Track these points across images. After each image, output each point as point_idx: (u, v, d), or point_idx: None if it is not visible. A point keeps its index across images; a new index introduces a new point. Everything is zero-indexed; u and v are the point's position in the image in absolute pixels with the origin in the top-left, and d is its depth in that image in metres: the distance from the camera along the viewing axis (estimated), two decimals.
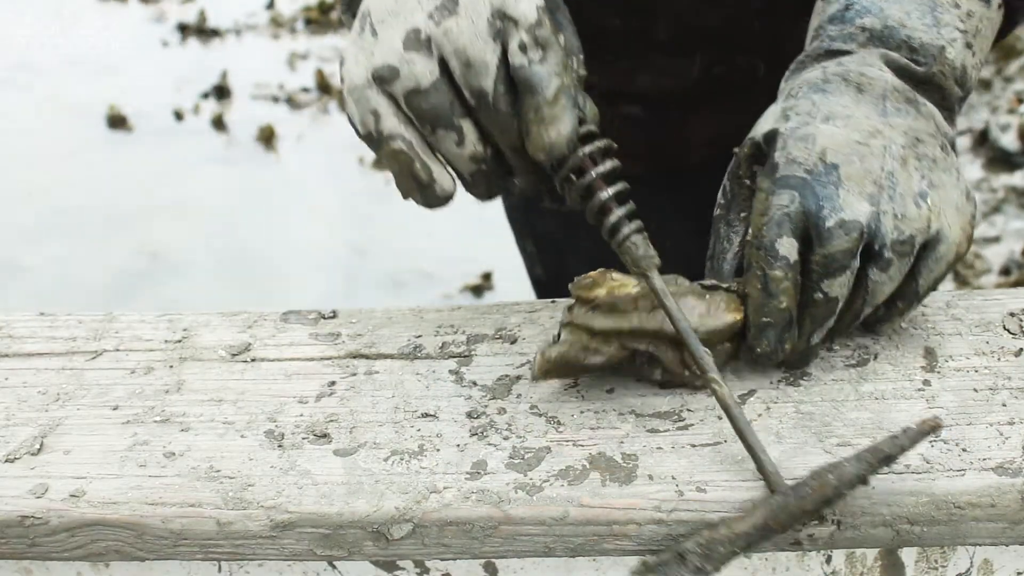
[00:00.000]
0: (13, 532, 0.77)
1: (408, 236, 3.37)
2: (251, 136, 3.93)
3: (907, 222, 0.79)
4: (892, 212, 0.79)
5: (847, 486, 0.73)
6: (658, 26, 1.11)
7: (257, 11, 4.87)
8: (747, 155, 0.85)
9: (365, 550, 0.76)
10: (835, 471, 0.73)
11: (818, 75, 0.85)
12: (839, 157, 0.80)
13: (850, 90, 0.83)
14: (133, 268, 3.30)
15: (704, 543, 0.72)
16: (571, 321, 0.82)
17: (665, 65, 1.14)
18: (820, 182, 0.79)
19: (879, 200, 0.79)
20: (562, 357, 0.81)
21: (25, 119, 4.11)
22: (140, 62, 4.51)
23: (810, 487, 0.72)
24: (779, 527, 0.72)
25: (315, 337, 0.91)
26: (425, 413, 0.83)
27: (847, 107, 0.82)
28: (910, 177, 0.80)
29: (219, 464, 0.80)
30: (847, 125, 0.81)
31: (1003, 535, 0.75)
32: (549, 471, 0.78)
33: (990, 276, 3.00)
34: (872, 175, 0.79)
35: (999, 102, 3.67)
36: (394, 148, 0.80)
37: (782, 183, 0.80)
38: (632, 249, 0.82)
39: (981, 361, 0.85)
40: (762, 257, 0.79)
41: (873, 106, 0.82)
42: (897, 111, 0.82)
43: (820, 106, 0.82)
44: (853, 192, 0.79)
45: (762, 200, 0.80)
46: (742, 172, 0.85)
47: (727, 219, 0.87)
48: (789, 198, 0.79)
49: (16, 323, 0.94)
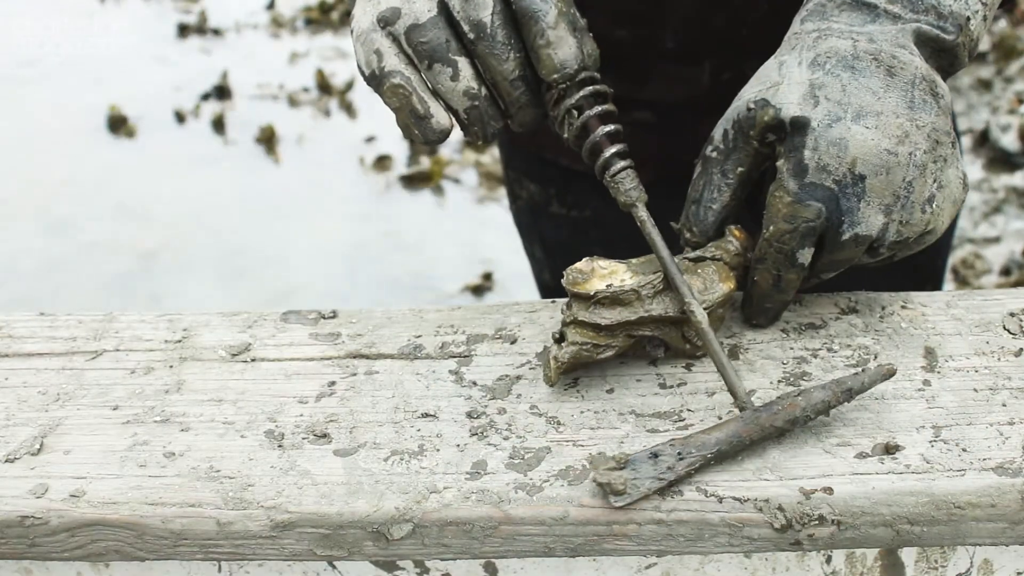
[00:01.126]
0: (13, 532, 0.77)
1: (408, 236, 3.37)
2: (251, 136, 3.93)
3: (909, 227, 0.83)
4: (899, 220, 0.82)
5: (813, 410, 0.78)
6: (666, 35, 1.11)
7: (257, 11, 4.87)
8: (766, 123, 0.84)
9: (365, 550, 0.76)
10: (803, 395, 0.78)
11: (848, 48, 0.84)
12: (868, 168, 0.81)
13: (880, 72, 0.83)
14: (133, 268, 3.30)
15: (677, 445, 0.76)
16: (575, 319, 0.83)
17: (675, 73, 1.14)
18: (846, 195, 0.82)
19: (892, 211, 0.82)
20: (574, 358, 0.83)
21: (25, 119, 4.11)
22: (140, 62, 4.51)
23: (780, 406, 0.78)
24: (749, 439, 0.77)
25: (315, 337, 0.91)
26: (425, 413, 0.83)
27: (877, 96, 0.82)
28: (925, 184, 0.83)
29: (219, 464, 0.80)
30: (878, 126, 0.82)
31: (1003, 535, 0.75)
32: (549, 471, 0.78)
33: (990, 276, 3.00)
34: (893, 187, 0.82)
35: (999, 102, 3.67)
36: (394, 83, 0.84)
37: (809, 192, 0.82)
38: (621, 184, 0.86)
39: (981, 361, 0.85)
40: (782, 261, 0.84)
41: (902, 95, 0.83)
42: (924, 104, 0.83)
43: (850, 93, 0.82)
44: (873, 205, 0.82)
45: (788, 204, 0.82)
46: (753, 133, 0.85)
47: (723, 168, 0.87)
48: (816, 212, 0.82)
49: (16, 323, 0.94)
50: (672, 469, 0.75)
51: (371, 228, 3.43)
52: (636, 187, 0.86)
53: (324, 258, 3.29)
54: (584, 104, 0.86)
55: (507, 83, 0.84)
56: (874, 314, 0.90)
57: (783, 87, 0.84)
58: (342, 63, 4.36)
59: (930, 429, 0.79)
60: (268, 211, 3.53)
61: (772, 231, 0.83)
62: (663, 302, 0.83)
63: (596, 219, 1.32)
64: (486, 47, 0.82)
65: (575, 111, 0.86)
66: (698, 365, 0.86)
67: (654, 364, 0.87)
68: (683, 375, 0.86)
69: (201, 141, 3.96)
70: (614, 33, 1.11)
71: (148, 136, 4.01)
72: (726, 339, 0.88)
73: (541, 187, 1.35)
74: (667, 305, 0.83)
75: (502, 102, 0.86)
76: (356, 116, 4.01)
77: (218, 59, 4.48)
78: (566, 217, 1.34)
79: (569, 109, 0.86)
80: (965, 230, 3.12)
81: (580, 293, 0.82)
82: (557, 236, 1.38)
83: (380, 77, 0.84)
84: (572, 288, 0.83)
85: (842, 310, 0.91)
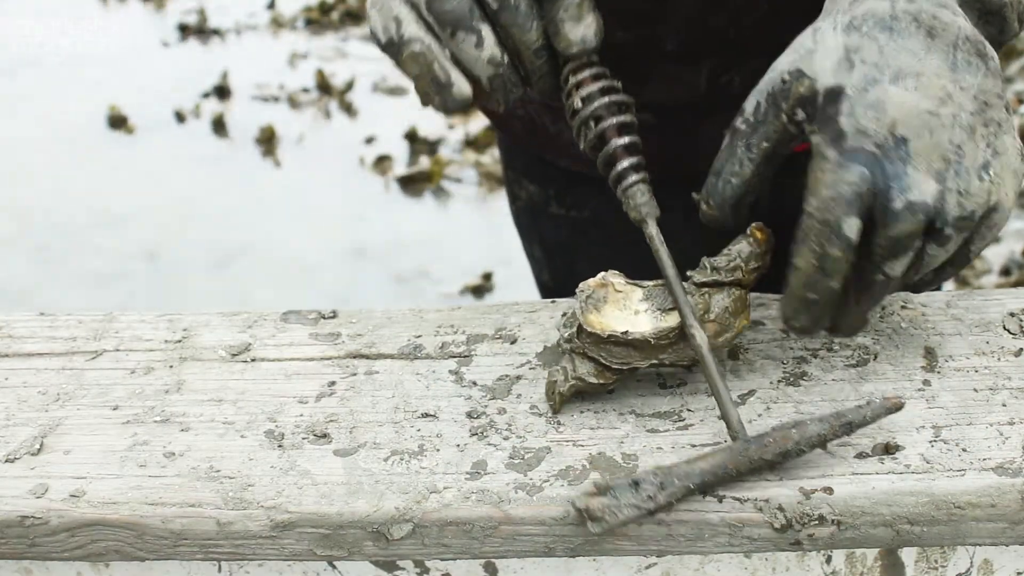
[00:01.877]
0: (13, 532, 0.77)
1: (408, 236, 3.37)
2: (251, 136, 3.93)
3: (970, 198, 0.77)
4: (957, 189, 0.77)
5: (807, 443, 0.75)
6: (665, 35, 1.11)
7: (257, 11, 4.87)
8: (801, 95, 0.80)
9: (365, 550, 0.76)
10: (798, 428, 0.75)
11: (886, 8, 0.80)
12: (909, 130, 0.76)
13: (920, 34, 0.79)
14: (133, 268, 3.30)
15: (660, 474, 0.74)
16: (584, 352, 0.81)
17: (673, 74, 1.14)
18: (889, 158, 0.76)
19: (945, 177, 0.77)
20: (575, 389, 0.82)
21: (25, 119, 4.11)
22: (140, 62, 4.51)
23: (772, 438, 0.75)
24: (736, 471, 0.74)
25: (315, 337, 0.91)
26: (425, 413, 0.83)
27: (917, 57, 0.78)
28: (976, 148, 0.78)
29: (219, 464, 0.80)
30: (917, 88, 0.77)
31: (1003, 535, 0.75)
32: (549, 471, 0.78)
33: (990, 276, 3.00)
34: (941, 149, 0.77)
35: None
36: (415, 51, 0.83)
37: (850, 156, 0.76)
38: (632, 199, 0.85)
39: (981, 361, 0.85)
40: (824, 234, 0.77)
41: (943, 57, 0.78)
42: (968, 65, 0.79)
43: (888, 55, 0.78)
44: (921, 169, 0.76)
45: (829, 172, 0.77)
46: (786, 107, 0.80)
47: (748, 141, 0.82)
48: (859, 175, 0.76)
49: (16, 323, 0.94)
50: (652, 499, 0.73)
51: (371, 228, 3.43)
52: (648, 202, 0.84)
53: (324, 258, 3.29)
54: (603, 114, 0.85)
55: (530, 52, 0.84)
56: (874, 314, 0.90)
57: (818, 54, 0.80)
58: (342, 63, 4.36)
59: (930, 429, 0.79)
60: (268, 211, 3.53)
61: (814, 203, 0.77)
62: (677, 351, 0.81)
63: (595, 220, 1.32)
64: (509, 17, 0.82)
65: (592, 121, 0.85)
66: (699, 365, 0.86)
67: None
68: (683, 375, 0.85)
69: (201, 141, 3.96)
70: (615, 34, 1.11)
71: (148, 136, 4.01)
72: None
73: (540, 188, 1.35)
74: (680, 355, 0.81)
75: (523, 70, 0.85)
76: (356, 116, 4.01)
77: (218, 59, 4.48)
78: (565, 218, 1.34)
79: (586, 120, 0.85)
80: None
81: (593, 333, 0.80)
82: (556, 237, 1.38)
83: (399, 44, 0.83)
84: (585, 318, 0.81)
85: None
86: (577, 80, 0.85)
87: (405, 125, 3.83)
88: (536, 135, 1.26)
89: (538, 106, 1.23)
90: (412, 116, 3.89)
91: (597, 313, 0.81)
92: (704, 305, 0.82)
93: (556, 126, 1.23)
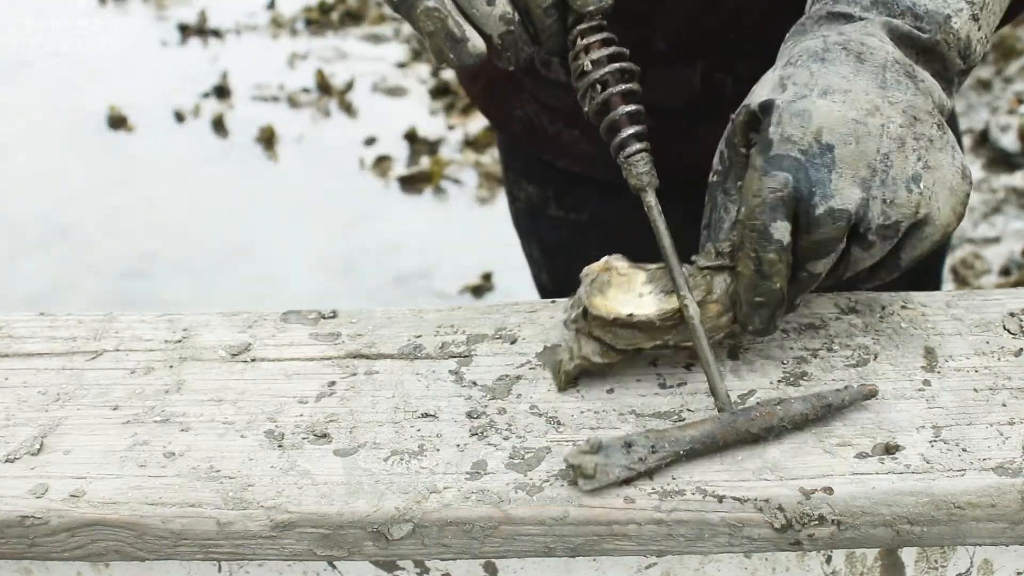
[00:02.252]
0: (13, 532, 0.77)
1: (408, 236, 3.37)
2: (251, 137, 3.93)
3: (895, 208, 0.79)
4: (881, 198, 0.79)
5: (790, 420, 0.79)
6: (657, 35, 1.11)
7: (257, 11, 4.87)
8: (742, 123, 0.84)
9: (365, 550, 0.76)
10: (782, 405, 0.79)
11: (819, 44, 0.84)
12: (835, 137, 0.79)
13: (850, 59, 0.82)
14: (133, 267, 3.30)
15: (652, 437, 0.77)
16: (590, 333, 0.82)
17: (667, 76, 1.14)
18: (814, 164, 0.79)
19: (870, 185, 0.79)
20: (580, 368, 0.84)
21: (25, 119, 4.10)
22: (140, 62, 4.51)
23: (758, 412, 0.78)
24: (723, 441, 0.78)
25: (315, 337, 0.91)
26: (425, 413, 0.83)
27: (846, 78, 0.81)
28: (906, 159, 0.80)
29: (219, 464, 0.80)
30: (845, 101, 0.80)
31: (1003, 535, 0.75)
32: (549, 471, 0.78)
33: (990, 276, 3.00)
34: (867, 158, 0.79)
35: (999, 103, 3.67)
36: (429, 6, 0.83)
37: (775, 163, 0.79)
38: (634, 166, 0.86)
39: (981, 361, 0.85)
40: (756, 239, 0.80)
41: (872, 77, 0.81)
42: (897, 83, 0.81)
43: (818, 77, 0.81)
44: (846, 176, 0.79)
45: (755, 179, 0.80)
46: (738, 140, 0.85)
47: (724, 187, 0.86)
48: (783, 181, 0.79)
49: (16, 323, 0.94)
50: (643, 460, 0.76)
51: (371, 228, 3.43)
52: (648, 171, 0.86)
53: (324, 258, 3.29)
54: (609, 80, 0.86)
55: (540, 11, 0.85)
56: (874, 314, 0.90)
57: (756, 90, 0.84)
58: (342, 64, 4.36)
59: (930, 429, 0.79)
60: (268, 211, 3.53)
61: (744, 211, 0.80)
62: (681, 332, 0.82)
63: (594, 222, 1.32)
64: None
65: (599, 85, 0.86)
66: (698, 365, 0.86)
67: (654, 364, 0.87)
68: (683, 375, 0.86)
69: (201, 141, 3.96)
70: None
71: (148, 136, 4.00)
72: (727, 339, 0.88)
73: (539, 189, 1.35)
74: (684, 335, 0.82)
75: (532, 28, 0.86)
76: (356, 117, 4.01)
77: (218, 59, 4.48)
78: (564, 219, 1.34)
79: (593, 83, 0.86)
80: (965, 230, 3.12)
81: (599, 316, 0.81)
82: (555, 238, 1.38)
83: (412, 1, 0.84)
84: (590, 301, 0.82)
85: (842, 310, 0.91)
86: (586, 43, 0.87)
87: (405, 125, 3.83)
88: (535, 136, 1.26)
89: (537, 106, 1.23)
90: (412, 116, 3.89)
91: (602, 296, 0.82)
92: (707, 287, 0.83)
93: (555, 127, 1.23)
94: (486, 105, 1.31)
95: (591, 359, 0.83)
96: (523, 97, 1.23)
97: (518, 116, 1.26)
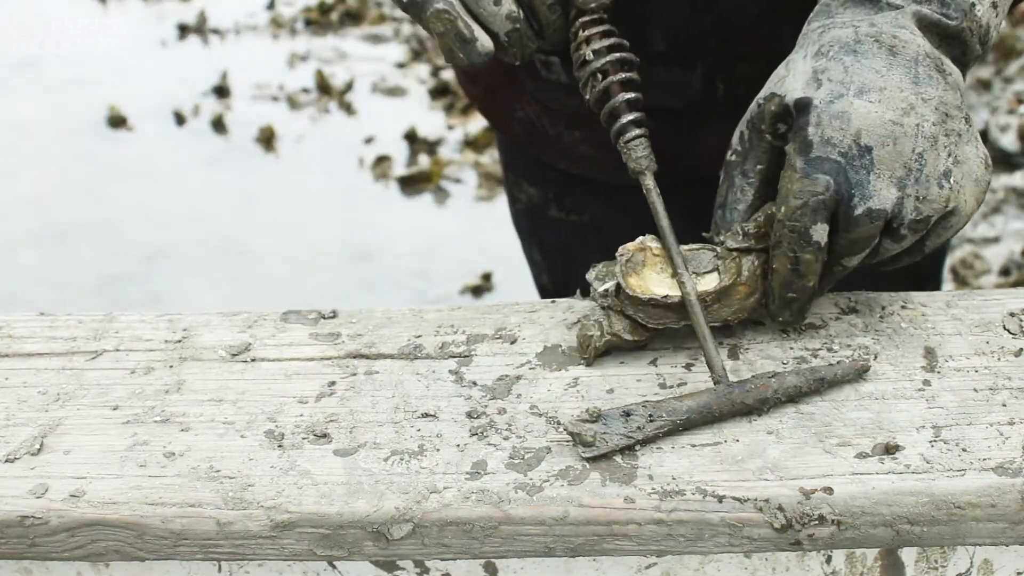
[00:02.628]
0: (13, 532, 0.77)
1: (408, 236, 3.37)
2: (251, 137, 3.93)
3: (927, 203, 0.82)
4: (915, 195, 0.82)
5: (784, 393, 0.81)
6: (656, 35, 1.11)
7: (257, 11, 4.87)
8: (774, 112, 0.86)
9: (365, 550, 0.76)
10: (776, 378, 0.80)
11: (850, 35, 0.85)
12: (873, 139, 0.81)
13: (883, 53, 0.84)
14: (133, 268, 3.30)
15: (650, 407, 0.79)
16: (621, 311, 0.85)
17: (667, 78, 1.14)
18: (853, 167, 0.81)
19: (906, 184, 0.82)
20: (610, 344, 0.86)
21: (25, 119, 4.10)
22: (140, 62, 4.50)
23: (752, 385, 0.80)
24: (719, 412, 0.79)
25: (315, 337, 0.91)
26: (425, 413, 0.83)
27: (880, 74, 0.83)
28: (938, 156, 0.82)
29: (219, 464, 0.80)
30: (881, 100, 0.82)
31: (1003, 535, 0.75)
32: (549, 471, 0.77)
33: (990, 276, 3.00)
34: (903, 158, 0.82)
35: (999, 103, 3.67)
36: (438, 8, 0.86)
37: (816, 165, 0.81)
38: (633, 151, 0.89)
39: (981, 361, 0.85)
40: (795, 240, 0.83)
41: (905, 72, 0.83)
42: (929, 79, 0.83)
43: (853, 73, 0.83)
44: (883, 177, 0.81)
45: (795, 180, 0.82)
46: (765, 127, 0.87)
47: (742, 169, 0.89)
48: (824, 185, 0.81)
49: (16, 323, 0.94)
50: (642, 429, 0.78)
51: (371, 228, 3.43)
52: (647, 156, 0.89)
53: (324, 258, 3.29)
54: (609, 69, 0.89)
55: (545, 7, 0.88)
56: (874, 314, 0.90)
57: (788, 78, 0.86)
58: (341, 64, 4.36)
59: (930, 429, 0.79)
60: (268, 211, 3.53)
61: (784, 211, 0.83)
62: (711, 313, 0.85)
63: (595, 223, 1.32)
64: None
65: (599, 75, 0.89)
66: (698, 365, 0.86)
67: (654, 364, 0.87)
68: (683, 375, 0.86)
69: (201, 141, 3.96)
70: None
71: (148, 136, 4.00)
72: (726, 340, 0.88)
73: (540, 190, 1.35)
74: (712, 317, 0.85)
75: (537, 24, 0.89)
76: (355, 117, 4.01)
77: (218, 59, 4.48)
78: (565, 221, 1.34)
79: (594, 72, 0.89)
80: (964, 230, 3.12)
81: (634, 296, 0.84)
82: (556, 240, 1.38)
83: (422, 3, 0.86)
84: (626, 281, 0.85)
85: (842, 310, 0.91)
86: (588, 35, 0.89)
87: (404, 125, 3.83)
88: (536, 137, 1.26)
89: (538, 108, 1.23)
90: (411, 116, 3.89)
91: (637, 276, 0.85)
92: (736, 268, 0.86)
93: (555, 128, 1.23)
94: (486, 107, 1.31)
95: (622, 336, 0.85)
96: (524, 99, 1.23)
97: (519, 118, 1.26)
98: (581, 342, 0.87)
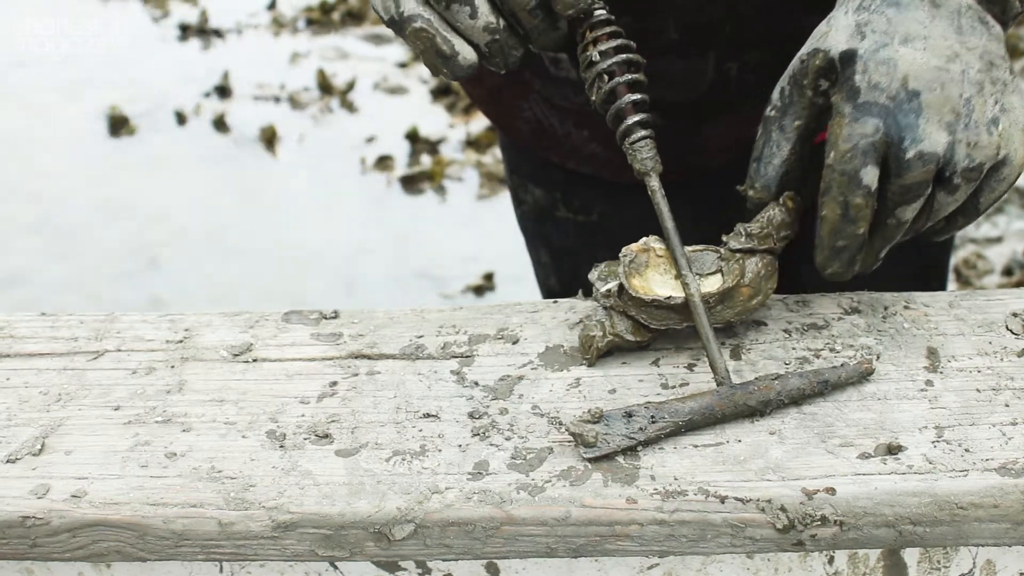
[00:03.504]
0: (15, 532, 0.77)
1: (409, 236, 3.37)
2: (252, 136, 3.93)
3: (978, 150, 0.82)
4: (966, 140, 0.81)
5: (788, 395, 0.81)
6: (667, 23, 1.11)
7: (258, 11, 4.86)
8: (817, 67, 0.85)
9: (367, 551, 0.76)
10: (780, 380, 0.80)
11: None
12: (921, 84, 0.81)
13: (925, 5, 0.83)
14: (134, 268, 3.30)
15: (652, 408, 0.79)
16: (623, 311, 0.85)
17: (679, 68, 1.14)
18: (902, 110, 0.81)
19: (955, 129, 0.81)
20: (612, 344, 0.86)
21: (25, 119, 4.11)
22: (141, 62, 4.50)
23: (755, 386, 0.80)
24: (722, 413, 0.79)
25: (317, 337, 0.91)
26: (427, 413, 0.83)
27: (923, 24, 0.83)
28: (985, 103, 0.82)
29: (221, 464, 0.79)
30: (926, 48, 0.82)
31: (1006, 536, 0.75)
32: (551, 471, 0.77)
33: (992, 276, 3.00)
34: (951, 102, 0.81)
35: None
36: (416, 27, 0.85)
37: (864, 109, 0.81)
38: (638, 152, 0.88)
39: (984, 361, 0.85)
40: (845, 184, 0.82)
41: (948, 23, 0.83)
42: (972, 29, 0.83)
43: (896, 24, 0.83)
44: (932, 121, 0.81)
45: (844, 125, 0.82)
46: (807, 82, 0.86)
47: (780, 124, 0.88)
48: (873, 127, 0.81)
49: (17, 323, 0.94)
50: (644, 430, 0.78)
51: (372, 228, 3.43)
52: (653, 157, 0.88)
53: (325, 258, 3.29)
54: (616, 70, 0.89)
55: (526, 13, 0.86)
56: (877, 314, 0.90)
57: (831, 33, 0.85)
58: (343, 63, 4.36)
59: (933, 429, 0.79)
60: (269, 211, 3.53)
61: (833, 156, 0.82)
62: (714, 314, 0.85)
63: (603, 223, 1.32)
64: None
65: (605, 75, 0.89)
66: (700, 365, 0.86)
67: (656, 364, 0.87)
68: (685, 375, 0.85)
69: (202, 141, 3.96)
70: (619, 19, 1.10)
71: (149, 136, 4.00)
72: (728, 340, 0.88)
73: (546, 191, 1.34)
74: (715, 318, 0.85)
75: (521, 30, 0.88)
76: (357, 116, 4.01)
77: (219, 59, 4.48)
78: (572, 221, 1.34)
79: (600, 73, 0.89)
80: (967, 230, 3.12)
81: (637, 297, 0.84)
82: (564, 241, 1.38)
83: (401, 22, 0.86)
84: (629, 282, 0.84)
85: (845, 310, 0.91)
86: (595, 35, 0.89)
87: (406, 125, 3.83)
88: (543, 137, 1.25)
89: (546, 107, 1.23)
90: (413, 116, 3.89)
91: (640, 277, 0.85)
92: (739, 270, 0.85)
93: (564, 127, 1.23)
94: (491, 108, 1.31)
95: (624, 336, 0.85)
96: (531, 98, 1.23)
97: (525, 118, 1.25)
98: (583, 342, 0.86)
